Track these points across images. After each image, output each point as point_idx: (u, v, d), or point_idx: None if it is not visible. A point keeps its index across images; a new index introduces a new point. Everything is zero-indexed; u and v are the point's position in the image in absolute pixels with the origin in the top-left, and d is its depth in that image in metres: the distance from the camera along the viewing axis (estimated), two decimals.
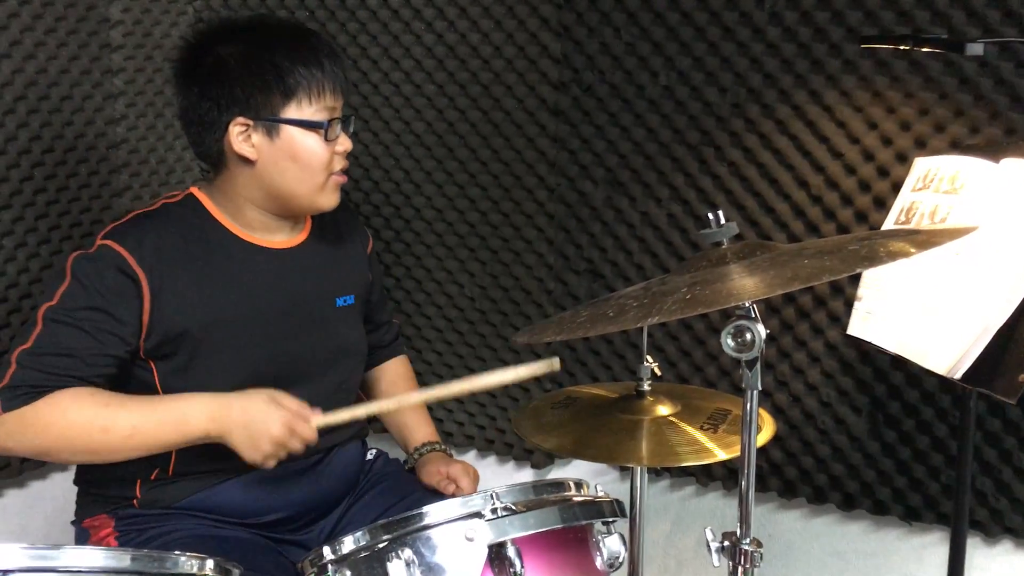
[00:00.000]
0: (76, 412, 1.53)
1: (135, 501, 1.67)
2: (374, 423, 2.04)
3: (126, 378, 1.62)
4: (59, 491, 2.19)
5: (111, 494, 1.69)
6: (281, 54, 1.62)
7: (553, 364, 1.58)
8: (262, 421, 1.55)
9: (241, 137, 1.63)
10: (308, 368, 1.72)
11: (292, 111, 1.63)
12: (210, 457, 1.62)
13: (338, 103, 1.68)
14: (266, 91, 1.61)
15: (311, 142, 1.64)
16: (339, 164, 1.68)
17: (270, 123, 1.62)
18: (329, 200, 1.70)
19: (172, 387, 1.62)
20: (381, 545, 1.32)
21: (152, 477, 1.66)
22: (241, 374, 1.64)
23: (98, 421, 1.53)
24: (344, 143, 1.68)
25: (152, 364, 1.62)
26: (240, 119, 1.62)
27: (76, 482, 1.76)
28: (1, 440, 1.54)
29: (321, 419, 1.60)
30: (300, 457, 1.66)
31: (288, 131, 1.63)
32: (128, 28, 2.22)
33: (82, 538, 1.70)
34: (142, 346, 1.60)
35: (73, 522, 1.75)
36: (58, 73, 2.09)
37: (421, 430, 1.95)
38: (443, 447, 1.93)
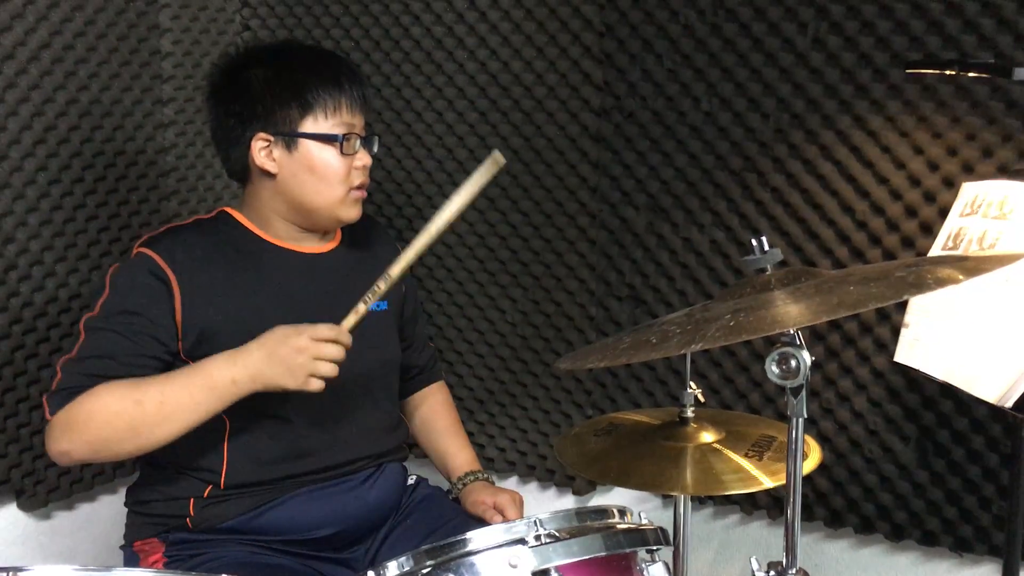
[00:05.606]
0: (110, 395, 1.59)
1: (188, 520, 1.69)
2: (414, 448, 2.05)
3: None
4: (107, 513, 2.22)
5: (164, 514, 1.71)
6: (301, 72, 1.71)
7: (496, 159, 1.56)
8: (281, 341, 1.57)
9: (263, 152, 1.71)
10: (342, 368, 1.68)
11: (309, 125, 1.70)
12: (260, 468, 1.65)
13: (356, 120, 1.74)
14: (285, 106, 1.70)
15: (327, 155, 1.71)
16: (358, 178, 1.74)
17: (289, 137, 1.70)
18: (350, 213, 1.76)
19: None
20: (425, 571, 1.32)
21: (205, 495, 1.69)
22: None
23: (130, 396, 1.59)
24: (363, 158, 1.74)
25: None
26: (261, 134, 1.71)
27: (127, 503, 1.79)
28: (58, 444, 1.61)
29: (345, 323, 1.60)
30: (349, 473, 1.72)
31: (306, 145, 1.70)
32: (177, 36, 2.27)
33: (132, 561, 1.73)
34: (180, 347, 1.66)
35: (123, 546, 1.77)
36: (109, 78, 2.14)
37: (461, 457, 1.97)
38: (486, 475, 1.94)
